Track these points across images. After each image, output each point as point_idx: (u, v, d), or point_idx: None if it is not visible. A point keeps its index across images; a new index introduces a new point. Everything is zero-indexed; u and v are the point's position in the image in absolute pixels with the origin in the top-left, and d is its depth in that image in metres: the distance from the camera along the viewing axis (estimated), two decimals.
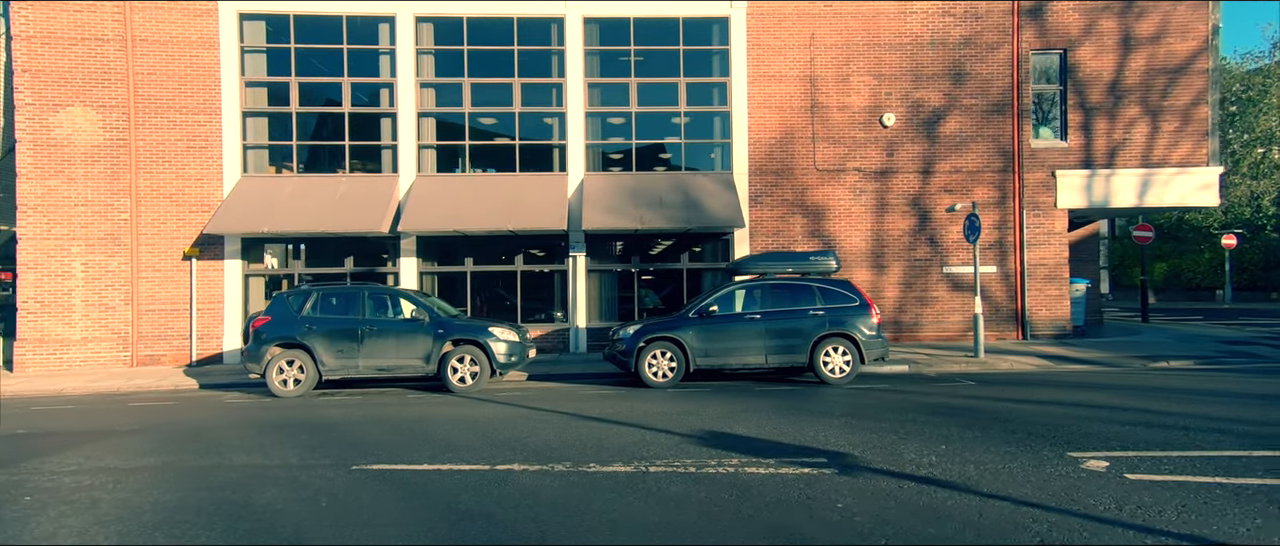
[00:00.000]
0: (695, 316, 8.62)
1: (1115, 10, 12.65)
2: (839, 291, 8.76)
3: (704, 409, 6.67)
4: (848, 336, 8.49)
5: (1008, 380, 8.61)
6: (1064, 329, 12.72)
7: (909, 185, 12.79)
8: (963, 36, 12.72)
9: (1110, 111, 12.72)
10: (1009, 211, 12.78)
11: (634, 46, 12.72)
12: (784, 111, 12.74)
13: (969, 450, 4.79)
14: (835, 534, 3.27)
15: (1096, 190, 12.69)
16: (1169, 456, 4.55)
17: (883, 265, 12.79)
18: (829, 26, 12.71)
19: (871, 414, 6.29)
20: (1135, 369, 9.48)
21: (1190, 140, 12.70)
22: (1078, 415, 6.01)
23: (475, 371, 8.22)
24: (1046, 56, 12.84)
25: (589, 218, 11.79)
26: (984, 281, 12.79)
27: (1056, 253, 12.79)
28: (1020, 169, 12.72)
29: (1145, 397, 6.88)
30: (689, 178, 12.68)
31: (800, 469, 4.35)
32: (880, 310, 12.76)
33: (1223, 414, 5.93)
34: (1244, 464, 4.34)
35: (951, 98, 12.76)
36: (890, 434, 5.38)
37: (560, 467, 4.44)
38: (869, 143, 12.77)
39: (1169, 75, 12.67)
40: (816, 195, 12.77)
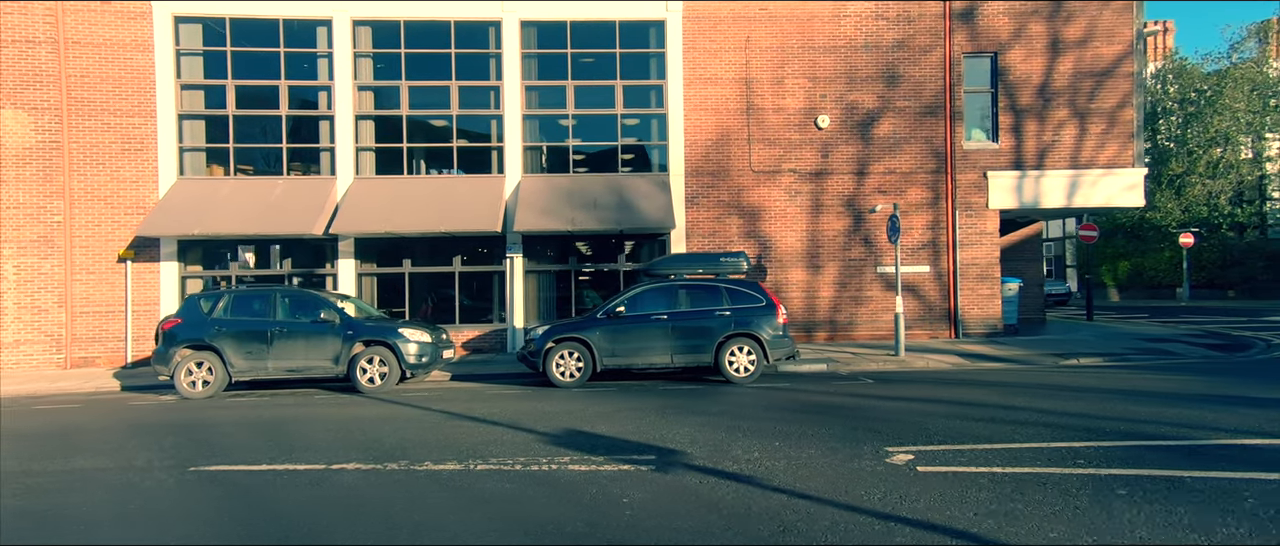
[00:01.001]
0: (603, 317, 8.77)
1: (1044, 14, 12.86)
2: (746, 292, 8.93)
3: (588, 408, 6.83)
4: (753, 336, 8.66)
5: (907, 378, 8.80)
6: (996, 327, 12.93)
7: (844, 186, 12.97)
8: (896, 40, 12.90)
9: (1040, 114, 12.93)
10: (942, 212, 12.98)
11: (571, 49, 12.85)
12: (720, 113, 12.90)
13: (798, 446, 4.96)
14: (600, 526, 3.43)
15: (1027, 191, 12.90)
16: (978, 449, 4.73)
17: (818, 265, 12.97)
18: (764, 29, 12.87)
19: (744, 413, 6.45)
20: (1044, 367, 9.68)
21: (1116, 142, 12.91)
22: (934, 411, 6.19)
23: (384, 372, 8.36)
24: (978, 60, 13.04)
25: (522, 219, 11.94)
26: (918, 281, 12.99)
27: (988, 252, 12.99)
28: (953, 170, 12.92)
29: (1020, 394, 7.06)
30: (625, 179, 12.83)
31: (621, 466, 4.51)
32: (815, 309, 13.01)
33: (1078, 408, 6.11)
34: (1048, 455, 4.51)
35: (885, 100, 12.94)
36: (740, 431, 5.54)
37: (393, 466, 4.59)
38: (804, 144, 12.95)
39: (1096, 78, 12.88)
40: (752, 196, 12.94)
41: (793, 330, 12.90)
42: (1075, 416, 5.82)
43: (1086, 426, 5.41)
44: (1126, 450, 4.66)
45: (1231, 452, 4.56)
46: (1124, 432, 5.16)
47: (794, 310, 12.93)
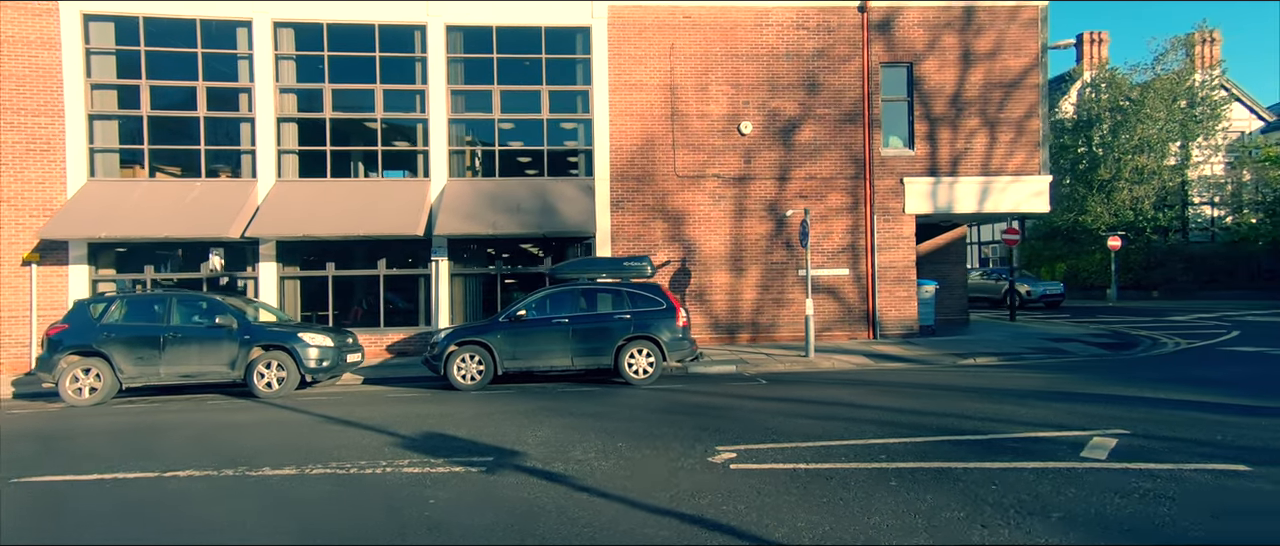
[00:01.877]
0: (505, 321, 8.91)
1: (956, 27, 13.37)
2: (648, 296, 9.15)
3: (469, 411, 6.97)
4: (651, 339, 8.88)
5: (802, 379, 9.11)
6: (912, 328, 13.40)
7: (766, 191, 13.30)
8: (816, 49, 13.28)
9: (953, 122, 13.44)
10: (861, 217, 13.40)
11: (497, 54, 12.94)
12: (645, 119, 13.12)
13: (638, 446, 5.16)
14: (385, 526, 3.57)
15: (941, 197, 13.39)
16: (801, 447, 5.00)
17: (741, 268, 13.27)
18: (688, 37, 13.13)
19: (617, 414, 6.65)
20: (940, 367, 10.10)
21: (1024, 150, 13.49)
22: (794, 411, 6.47)
23: (282, 377, 8.36)
24: (895, 69, 13.49)
25: (443, 223, 11.99)
26: (838, 283, 13.39)
27: (905, 256, 13.45)
28: (871, 176, 13.35)
29: (889, 394, 7.39)
30: (550, 184, 12.96)
31: (454, 467, 4.66)
32: (738, 312, 13.30)
33: (929, 406, 6.44)
34: (860, 451, 4.80)
35: (806, 107, 13.31)
36: (598, 432, 5.74)
37: (229, 472, 4.66)
38: (728, 150, 13.24)
39: (1005, 89, 13.44)
40: (677, 200, 13.19)
41: (716, 332, 13.25)
42: (918, 414, 6.15)
43: (919, 423, 5.73)
44: (932, 445, 4.97)
45: (1018, 445, 4.90)
46: (946, 428, 5.49)
47: (718, 312, 13.23)
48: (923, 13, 13.33)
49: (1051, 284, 21.88)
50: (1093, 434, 5.17)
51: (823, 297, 13.33)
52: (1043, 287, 21.45)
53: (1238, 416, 5.74)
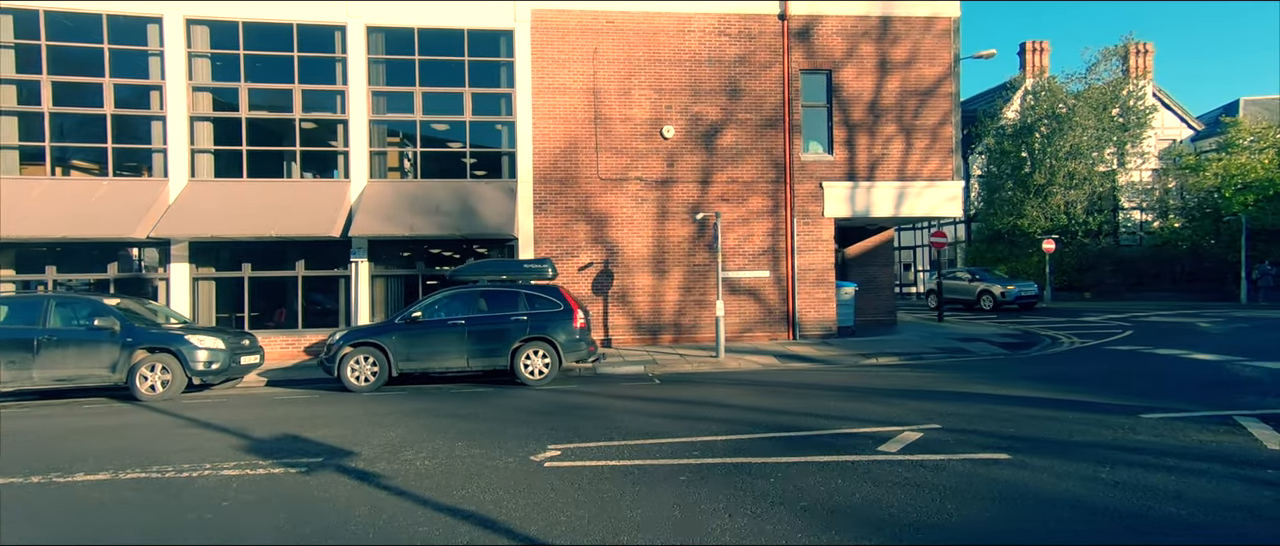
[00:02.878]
0: (401, 323, 8.92)
1: (873, 36, 13.75)
2: (546, 298, 9.24)
3: (342, 412, 7.00)
4: (548, 340, 8.98)
5: (697, 380, 9.29)
6: (831, 329, 13.72)
7: (689, 194, 13.51)
8: (738, 55, 13.54)
9: (871, 128, 13.82)
10: (781, 220, 13.68)
11: (419, 56, 12.92)
12: (568, 122, 13.23)
13: (473, 446, 5.26)
14: (155, 529, 3.61)
15: (859, 201, 13.75)
16: (626, 445, 5.16)
17: (664, 270, 13.46)
18: (611, 42, 13.28)
19: (485, 415, 6.73)
20: (841, 366, 10.38)
21: (938, 156, 13.94)
22: (653, 410, 6.64)
23: (167, 379, 8.26)
24: (814, 76, 13.82)
25: (361, 224, 11.94)
26: (758, 285, 13.65)
27: (824, 259, 13.77)
28: (791, 180, 13.65)
29: (763, 393, 7.59)
30: (473, 186, 12.98)
31: (273, 469, 4.70)
32: (661, 313, 13.47)
33: (787, 405, 6.66)
34: (682, 448, 4.98)
35: (728, 112, 13.56)
36: (448, 433, 5.82)
37: (36, 479, 4.64)
38: (651, 153, 13.42)
39: (920, 97, 13.87)
40: (600, 203, 13.31)
41: (639, 333, 13.41)
42: (773, 412, 6.36)
43: (764, 420, 5.93)
44: (755, 441, 5.17)
45: (833, 440, 5.12)
46: (783, 425, 5.70)
47: (640, 314, 13.39)
48: (841, 21, 13.68)
49: (1026, 284, 21.08)
50: (906, 429, 5.42)
51: (744, 299, 13.59)
52: (1018, 289, 20.63)
53: (1043, 409, 6.08)
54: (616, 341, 13.26)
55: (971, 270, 22.67)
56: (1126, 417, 5.71)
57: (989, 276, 21.98)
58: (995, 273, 22.73)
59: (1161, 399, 6.51)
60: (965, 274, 22.56)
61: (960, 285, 22.20)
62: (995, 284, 21.07)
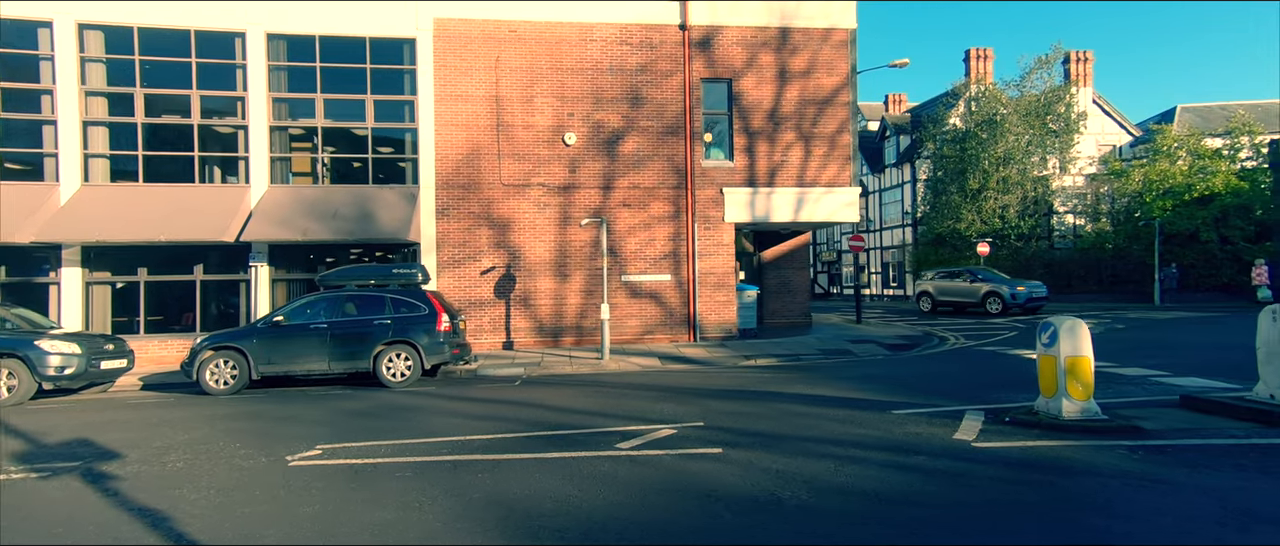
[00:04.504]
0: (263, 327, 9.09)
1: (773, 46, 14.11)
2: (411, 302, 9.45)
3: (169, 415, 7.17)
4: (410, 343, 9.18)
5: (559, 382, 9.52)
6: (731, 331, 14.03)
7: (591, 199, 13.77)
8: (639, 64, 13.83)
9: (770, 136, 14.16)
10: (682, 225, 13.98)
11: (321, 63, 13.08)
12: (471, 129, 13.44)
13: (244, 447, 5.46)
14: None
15: (759, 206, 14.08)
16: (390, 444, 5.38)
17: (566, 274, 13.70)
18: (514, 50, 13.52)
19: (305, 417, 6.91)
20: (715, 367, 10.67)
21: (836, 163, 14.31)
22: (475, 412, 6.86)
23: (13, 385, 8.35)
24: (715, 85, 14.15)
25: (255, 229, 12.06)
26: (660, 289, 13.94)
27: (724, 263, 14.09)
28: (692, 186, 13.95)
29: (602, 394, 7.83)
30: (373, 191, 13.15)
31: (19, 473, 4.88)
32: (562, 316, 13.69)
33: (604, 406, 6.91)
34: (443, 446, 5.21)
35: (630, 120, 13.85)
36: (238, 434, 6.01)
37: None
38: (553, 159, 13.67)
39: (819, 106, 14.25)
40: (503, 208, 13.54)
41: (541, 336, 13.63)
42: (571, 412, 6.62)
43: (557, 420, 6.18)
44: (516, 440, 5.41)
45: (591, 438, 5.36)
46: (561, 424, 5.96)
47: (542, 316, 13.62)
48: (741, 32, 14.03)
49: (1036, 286, 18.92)
50: (666, 426, 5.71)
51: (646, 302, 13.86)
52: (1029, 290, 18.60)
53: (819, 407, 6.40)
54: (519, 344, 13.48)
55: (973, 271, 20.26)
56: (879, 414, 6.03)
57: (994, 276, 19.75)
58: (996, 272, 20.36)
59: (935, 396, 6.85)
60: (966, 274, 20.13)
61: (960, 287, 19.93)
62: (1002, 285, 18.86)
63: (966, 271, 20.33)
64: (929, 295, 20.97)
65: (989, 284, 19.17)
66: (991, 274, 19.82)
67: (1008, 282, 19.09)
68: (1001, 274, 20.52)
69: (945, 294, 20.27)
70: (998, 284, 19.06)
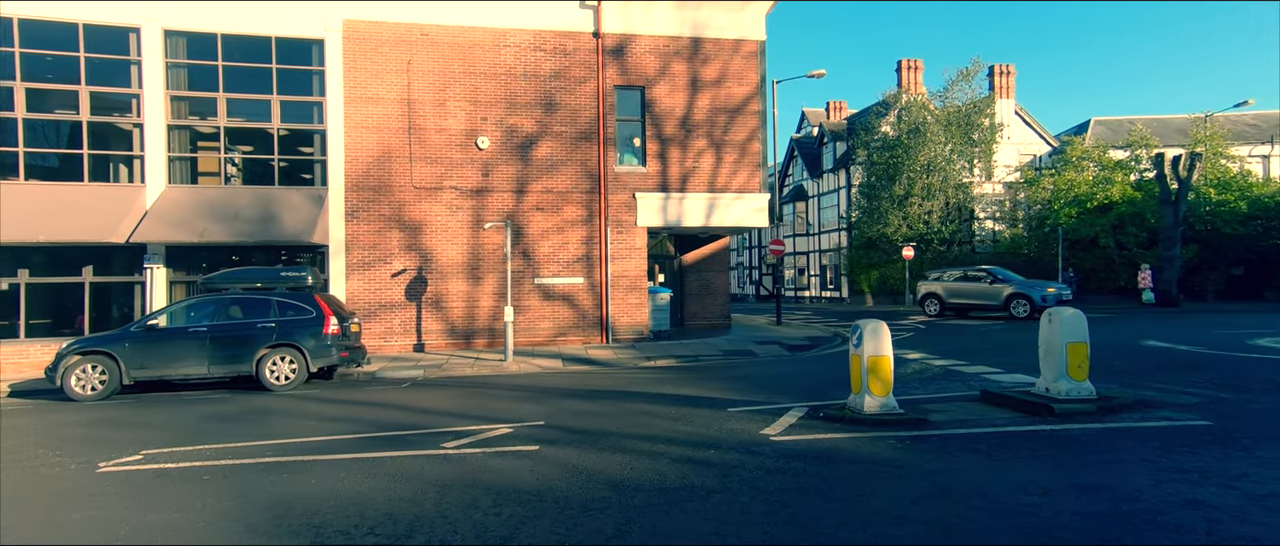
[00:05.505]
0: (138, 330, 8.94)
1: (685, 56, 14.54)
2: (299, 305, 9.42)
3: (22, 423, 7.01)
4: (296, 346, 9.16)
5: (451, 384, 9.64)
6: (643, 333, 14.38)
7: (504, 203, 13.91)
8: (553, 70, 14.05)
9: (682, 143, 14.58)
10: (595, 229, 14.26)
11: (224, 62, 12.84)
12: (382, 131, 13.41)
13: (64, 455, 5.47)
14: None
15: (671, 211, 14.48)
16: (226, 447, 5.47)
17: (479, 277, 13.80)
18: (426, 54, 13.55)
19: (158, 422, 6.88)
20: (616, 369, 10.93)
21: (747, 170, 14.84)
22: (338, 414, 6.96)
23: None
24: (628, 92, 14.49)
25: (147, 230, 11.77)
26: (573, 291, 14.18)
27: (637, 266, 14.43)
28: (605, 191, 14.25)
29: (476, 396, 8.01)
30: (279, 193, 12.99)
31: None
32: (475, 318, 13.77)
33: (462, 407, 7.10)
34: (280, 448, 5.32)
35: (544, 125, 14.05)
36: (66, 443, 5.98)
37: None
38: (466, 163, 13.75)
39: (729, 114, 14.75)
40: (414, 211, 13.55)
41: (453, 338, 13.69)
42: (427, 413, 6.80)
43: (401, 421, 6.35)
44: (353, 441, 5.57)
45: (424, 438, 5.57)
46: (408, 425, 6.14)
47: (454, 319, 13.68)
48: (654, 41, 14.41)
49: (1063, 288, 17.15)
50: (505, 425, 5.97)
51: (559, 304, 14.08)
52: (1059, 292, 16.90)
53: (673, 406, 6.75)
54: (430, 346, 13.51)
55: (992, 270, 18.38)
56: (717, 411, 6.42)
57: (1013, 277, 17.99)
58: (1011, 272, 18.63)
59: (786, 394, 7.30)
60: (986, 275, 18.10)
61: (979, 288, 17.94)
62: (1030, 287, 17.03)
63: (985, 271, 18.46)
64: (936, 298, 18.93)
65: (1011, 285, 17.37)
66: (1010, 274, 18.25)
67: (1036, 284, 17.35)
68: (1015, 274, 18.91)
69: (959, 296, 18.26)
70: (1023, 285, 17.29)
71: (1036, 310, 16.50)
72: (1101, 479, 4.07)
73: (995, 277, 17.85)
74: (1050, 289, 16.90)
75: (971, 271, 18.76)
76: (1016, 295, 17.05)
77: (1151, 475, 4.11)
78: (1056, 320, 6.19)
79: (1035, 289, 17.12)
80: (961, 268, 19.68)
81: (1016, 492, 3.86)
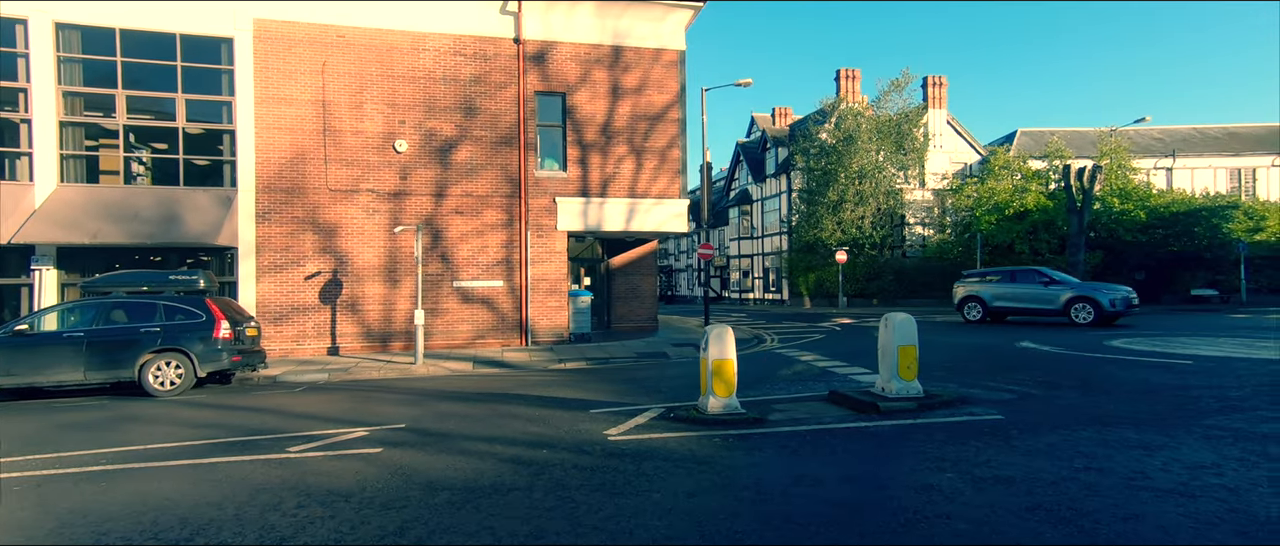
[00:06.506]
0: (3, 336, 8.67)
1: (606, 63, 14.85)
2: (187, 308, 9.30)
3: None
4: (182, 351, 9.04)
5: (351, 388, 9.65)
6: (562, 336, 14.62)
7: (423, 206, 13.93)
8: (473, 75, 14.15)
9: (603, 149, 14.88)
10: (515, 233, 14.42)
11: (123, 58, 12.48)
12: (296, 133, 13.25)
13: None
14: None
15: (591, 216, 14.76)
16: (42, 458, 5.46)
17: (397, 280, 13.78)
18: (342, 56, 13.46)
19: (10, 433, 6.76)
20: (523, 371, 11.11)
21: (666, 176, 15.26)
22: (206, 420, 6.97)
23: None
24: (550, 98, 14.70)
25: (32, 231, 11.36)
26: (493, 294, 14.30)
27: (557, 269, 14.66)
28: (526, 195, 14.42)
29: (361, 400, 8.09)
30: (184, 194, 12.70)
31: None
32: (392, 321, 13.73)
33: (337, 412, 7.20)
34: (110, 457, 5.35)
35: (464, 129, 14.13)
36: None
37: None
38: (384, 166, 13.71)
39: (650, 121, 15.13)
40: (330, 213, 13.43)
41: (369, 341, 13.63)
42: (300, 418, 6.88)
43: (267, 426, 6.43)
44: (199, 446, 5.64)
45: (265, 444, 5.68)
46: (268, 429, 6.23)
47: (371, 322, 13.63)
48: (575, 48, 14.66)
49: (1129, 292, 14.95)
50: (364, 429, 6.13)
51: (478, 307, 14.19)
52: (1125, 294, 14.69)
53: (546, 409, 7.02)
54: (345, 349, 13.42)
55: (1041, 270, 16.20)
56: (578, 413, 6.73)
57: (1070, 278, 15.94)
58: (1066, 274, 16.48)
59: (659, 396, 7.66)
60: (1037, 275, 16.00)
61: (1032, 291, 15.68)
62: (1097, 292, 14.55)
63: (1037, 271, 16.20)
64: (978, 302, 16.64)
65: (1069, 288, 15.12)
66: (1066, 276, 16.02)
67: (1102, 286, 14.95)
68: (1069, 275, 16.71)
69: (1007, 300, 16.09)
70: (1085, 288, 14.96)
71: (1104, 317, 14.11)
72: (872, 469, 4.53)
73: (1051, 279, 15.62)
74: (1118, 293, 14.44)
75: (1021, 271, 16.56)
76: (1079, 299, 14.60)
77: (915, 464, 4.59)
78: (891, 325, 6.72)
79: (1102, 292, 14.55)
80: (1008, 268, 17.43)
81: (791, 483, 4.27)
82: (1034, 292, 15.68)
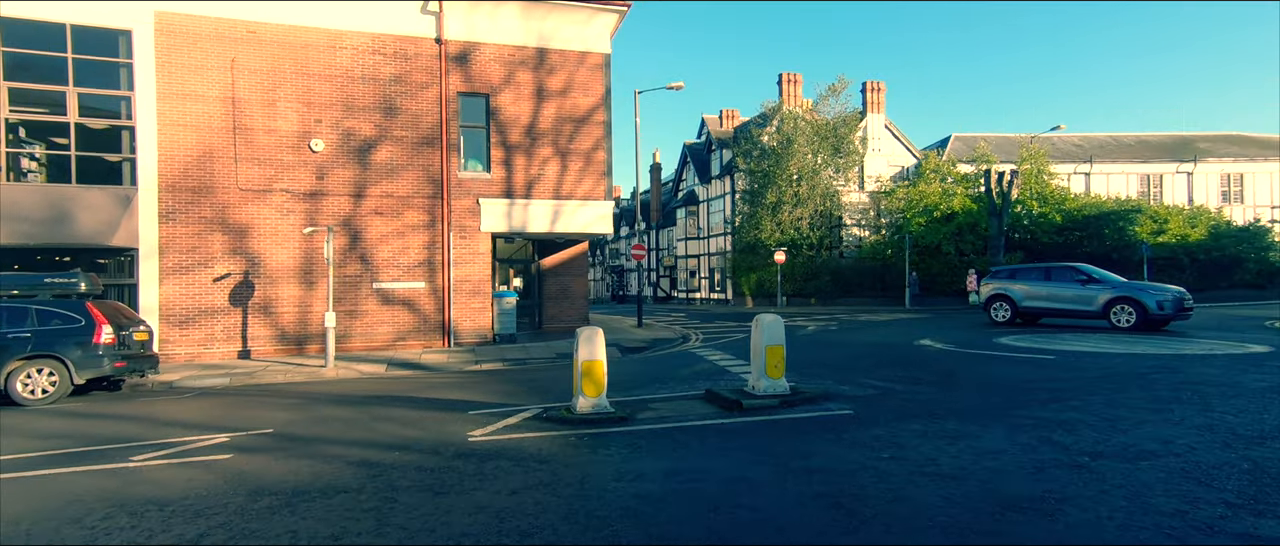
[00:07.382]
0: None
1: (530, 65, 14.90)
2: (65, 314, 8.95)
3: None
4: (57, 357, 8.70)
5: (247, 393, 9.47)
6: (486, 337, 14.61)
7: (341, 207, 13.70)
8: (393, 74, 13.98)
9: (528, 150, 14.94)
10: (438, 234, 14.33)
11: (5, 48, 11.84)
12: (203, 130, 12.84)
13: None
14: None
15: (516, 217, 14.79)
16: None
17: (312, 281, 13.51)
18: (252, 52, 13.10)
19: None
20: (436, 373, 11.07)
21: (592, 178, 15.42)
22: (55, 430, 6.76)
23: None
24: (473, 99, 14.66)
25: None
26: (414, 296, 14.19)
27: (481, 270, 14.64)
28: (448, 196, 14.34)
29: (243, 406, 7.99)
30: (77, 192, 12.15)
31: None
32: (308, 323, 13.42)
33: (211, 419, 7.10)
34: None
35: (383, 129, 13.95)
36: None
37: None
38: (298, 166, 13.42)
39: (575, 124, 15.26)
40: (240, 214, 13.07)
41: (283, 344, 13.32)
42: (171, 425, 6.77)
43: (123, 434, 6.31)
44: (38, 458, 5.51)
45: (112, 453, 5.60)
46: (126, 437, 6.12)
47: (285, 325, 13.33)
48: (499, 50, 14.65)
49: (1181, 292, 13.34)
50: (227, 435, 6.10)
51: (399, 309, 14.05)
52: (1175, 295, 13.03)
53: (430, 411, 7.10)
54: (258, 352, 13.09)
55: (1077, 267, 14.74)
56: (456, 415, 6.84)
57: (1111, 276, 14.33)
58: (1105, 272, 14.59)
59: (544, 397, 7.81)
60: (1072, 273, 14.55)
61: (1067, 291, 14.26)
62: (1142, 293, 12.99)
63: (1073, 268, 14.78)
64: (1007, 302, 15.27)
65: (1109, 288, 13.60)
66: (1106, 274, 14.45)
67: (1149, 287, 13.37)
68: (1110, 273, 14.79)
69: (1039, 299, 14.69)
70: (1128, 288, 13.42)
71: (1149, 321, 12.63)
72: (701, 464, 4.80)
73: (1089, 277, 14.15)
74: (1168, 294, 12.92)
75: (1056, 268, 15.14)
76: (1119, 300, 13.15)
77: (744, 458, 4.89)
78: (762, 326, 7.06)
79: (1149, 293, 12.99)
80: (1042, 264, 16.05)
81: (613, 479, 4.49)
82: (1070, 292, 14.18)
